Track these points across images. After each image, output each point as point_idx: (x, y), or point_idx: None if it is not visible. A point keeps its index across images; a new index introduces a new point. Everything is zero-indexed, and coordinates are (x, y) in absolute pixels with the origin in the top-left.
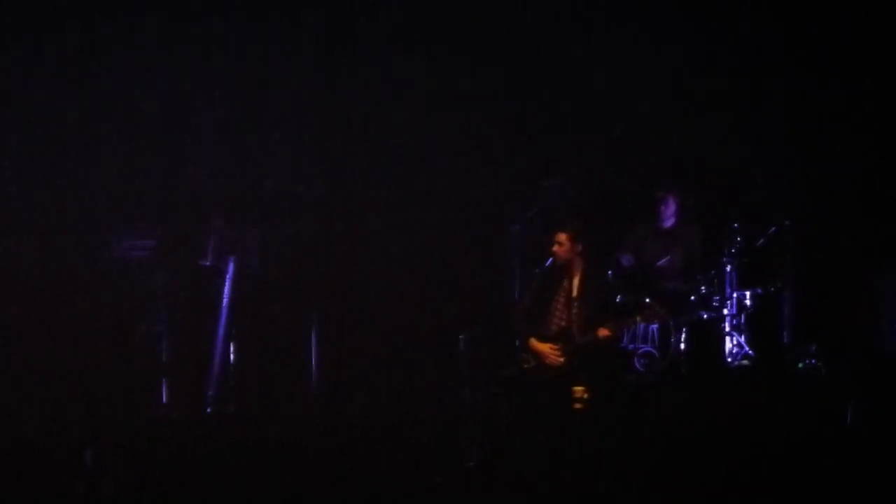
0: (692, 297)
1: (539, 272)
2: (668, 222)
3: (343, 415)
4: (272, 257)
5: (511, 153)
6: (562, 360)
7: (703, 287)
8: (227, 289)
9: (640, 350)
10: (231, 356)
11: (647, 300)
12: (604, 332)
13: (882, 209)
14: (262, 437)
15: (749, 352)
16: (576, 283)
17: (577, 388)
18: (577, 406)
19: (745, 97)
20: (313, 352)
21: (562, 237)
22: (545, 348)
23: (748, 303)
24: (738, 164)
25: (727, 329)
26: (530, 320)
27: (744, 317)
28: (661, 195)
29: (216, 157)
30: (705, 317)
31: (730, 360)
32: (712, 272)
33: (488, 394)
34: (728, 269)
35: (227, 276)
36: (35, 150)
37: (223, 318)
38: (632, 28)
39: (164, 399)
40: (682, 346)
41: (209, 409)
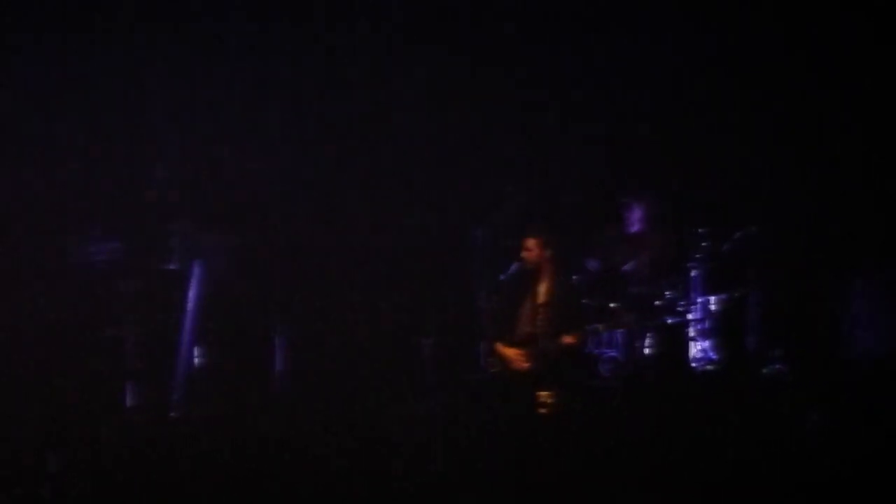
0: (658, 302)
1: (505, 277)
2: (635, 228)
3: (308, 420)
4: (238, 262)
5: (475, 158)
6: (527, 365)
7: (668, 292)
8: (192, 293)
9: (606, 355)
10: (196, 360)
11: (612, 305)
12: (568, 339)
13: (847, 215)
14: (227, 441)
15: (714, 357)
16: (542, 288)
17: (543, 393)
18: (543, 411)
19: (712, 104)
20: (278, 356)
21: (531, 243)
22: (512, 353)
23: (714, 308)
24: (704, 170)
25: (692, 334)
26: (497, 325)
27: (709, 322)
28: (627, 200)
29: (181, 160)
30: (670, 322)
31: (695, 364)
32: (678, 277)
33: (453, 398)
34: (693, 274)
35: (193, 280)
36: None
37: (189, 322)
38: (596, 32)
39: (128, 403)
40: (648, 351)
41: (174, 413)
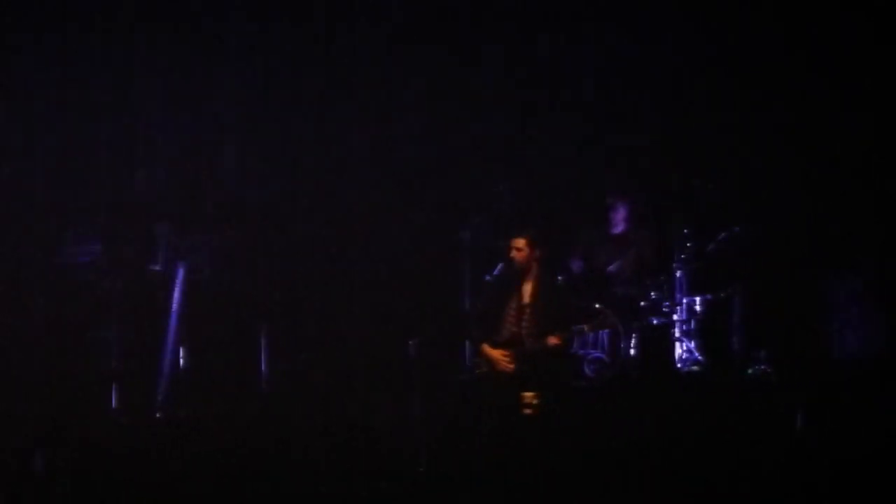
0: (642, 303)
1: (491, 278)
2: (619, 228)
3: (293, 420)
4: (222, 263)
5: (461, 158)
6: (513, 366)
7: (653, 293)
8: (176, 294)
9: (591, 356)
10: (181, 361)
11: (597, 306)
12: (553, 340)
13: (831, 215)
14: (212, 442)
15: (699, 357)
16: (528, 289)
17: (527, 394)
18: (527, 412)
19: (697, 105)
20: (263, 357)
21: (521, 243)
22: (497, 354)
23: (698, 308)
24: (689, 171)
25: (677, 335)
26: (483, 326)
27: (694, 322)
28: (611, 201)
29: (165, 162)
30: (655, 322)
31: (680, 365)
32: (662, 278)
33: (439, 399)
34: (678, 274)
35: (177, 281)
36: None
37: (173, 323)
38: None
39: (113, 404)
40: (633, 351)
41: (159, 414)
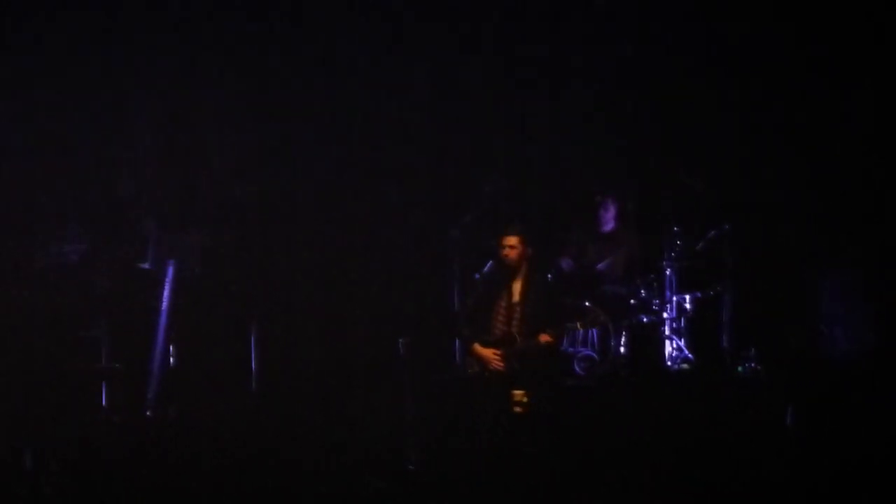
0: (632, 301)
1: (480, 277)
2: (608, 226)
3: (283, 418)
4: (212, 261)
5: (450, 157)
6: (503, 364)
7: (642, 291)
8: (166, 292)
9: (581, 353)
10: (171, 359)
11: (587, 304)
12: (545, 337)
13: (820, 212)
14: (203, 440)
15: (689, 355)
16: (518, 287)
17: (517, 392)
18: (518, 410)
19: (685, 102)
20: (253, 355)
21: (513, 240)
22: (488, 353)
23: (688, 306)
24: (678, 168)
25: (667, 332)
26: (473, 325)
27: (683, 320)
28: (601, 199)
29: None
30: (645, 320)
31: (669, 363)
32: (652, 276)
33: (429, 397)
34: (668, 272)
35: (167, 279)
36: None
37: (163, 322)
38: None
39: (103, 402)
40: (622, 349)
41: (149, 413)
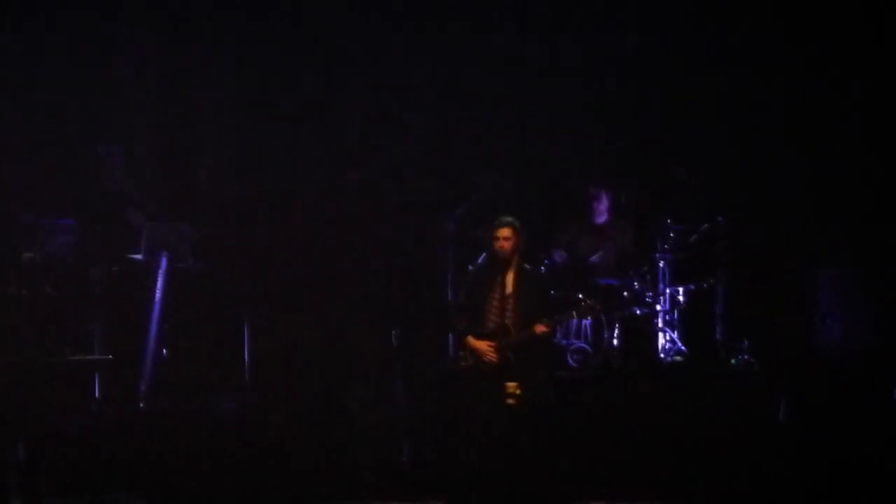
0: (625, 293)
1: (473, 269)
2: (601, 218)
3: (276, 410)
4: (205, 253)
5: (442, 148)
6: (497, 356)
7: (636, 283)
8: (159, 284)
9: (573, 346)
10: (164, 351)
11: (580, 296)
12: (541, 328)
13: (814, 206)
14: (195, 432)
15: (682, 348)
16: (511, 279)
17: (510, 384)
18: (511, 402)
19: (678, 94)
20: (246, 347)
21: (507, 232)
22: (482, 346)
23: (681, 299)
24: (671, 161)
25: (660, 325)
26: (466, 317)
27: (676, 313)
28: (594, 191)
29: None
30: (638, 313)
31: (662, 355)
32: (645, 268)
33: (421, 389)
34: (661, 264)
35: (160, 271)
36: None
37: (156, 313)
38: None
39: (96, 394)
40: (615, 341)
41: (142, 405)
